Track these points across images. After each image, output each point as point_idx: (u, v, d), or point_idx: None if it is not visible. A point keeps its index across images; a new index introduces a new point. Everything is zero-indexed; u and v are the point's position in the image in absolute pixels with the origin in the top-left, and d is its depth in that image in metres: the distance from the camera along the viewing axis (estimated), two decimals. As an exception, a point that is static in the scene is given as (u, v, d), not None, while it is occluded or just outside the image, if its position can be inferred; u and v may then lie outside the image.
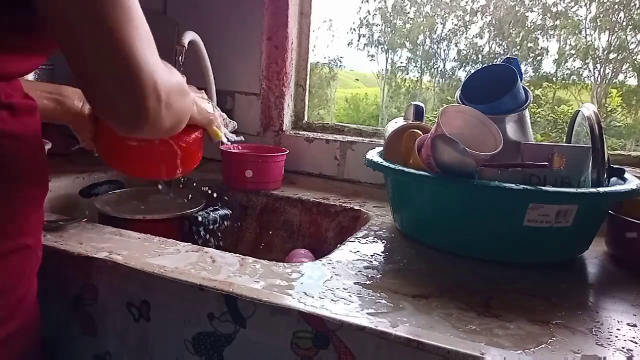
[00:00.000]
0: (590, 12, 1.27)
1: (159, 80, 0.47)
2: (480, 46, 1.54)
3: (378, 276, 0.64)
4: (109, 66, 0.44)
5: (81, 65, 0.45)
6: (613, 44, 1.26)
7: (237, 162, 1.10)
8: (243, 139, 0.92)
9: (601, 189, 0.69)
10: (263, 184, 1.10)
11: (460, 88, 0.85)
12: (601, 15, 1.26)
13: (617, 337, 0.52)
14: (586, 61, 1.32)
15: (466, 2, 1.49)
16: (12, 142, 0.50)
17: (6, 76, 0.50)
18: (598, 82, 1.32)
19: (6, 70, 0.50)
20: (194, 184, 1.14)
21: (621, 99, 1.25)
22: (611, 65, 1.29)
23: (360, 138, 1.22)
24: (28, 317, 0.56)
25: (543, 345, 0.49)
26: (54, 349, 0.67)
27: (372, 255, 0.71)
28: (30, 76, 1.03)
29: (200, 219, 0.93)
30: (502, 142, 0.73)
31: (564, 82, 1.37)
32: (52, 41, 0.50)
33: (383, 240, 0.79)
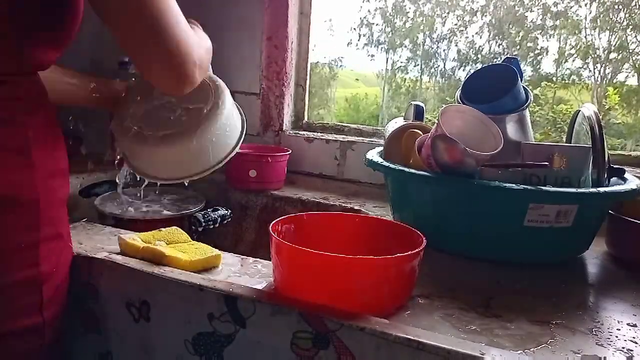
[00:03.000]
0: (590, 12, 1.27)
1: (196, 53, 0.57)
2: (480, 46, 1.54)
3: (378, 276, 0.64)
4: (158, 51, 0.54)
5: (132, 51, 0.55)
6: (613, 44, 1.26)
7: (241, 162, 1.10)
8: None
9: (601, 189, 0.69)
10: (266, 184, 1.10)
11: (460, 88, 0.85)
12: (601, 15, 1.26)
13: (617, 337, 0.52)
14: (586, 61, 1.32)
15: (466, 2, 1.49)
16: (38, 133, 0.54)
17: (44, 66, 0.55)
18: (598, 82, 1.32)
19: (45, 60, 0.55)
20: (194, 184, 1.14)
21: (619, 98, 1.25)
22: (611, 65, 1.29)
23: (360, 138, 1.22)
24: (60, 307, 0.58)
25: (543, 345, 0.49)
26: (59, 347, 0.67)
27: (372, 255, 0.71)
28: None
29: (200, 219, 0.93)
30: (502, 142, 0.73)
31: (563, 82, 1.37)
32: (73, 33, 0.56)
33: (383, 240, 0.79)
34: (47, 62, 0.56)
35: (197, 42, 0.58)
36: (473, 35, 1.54)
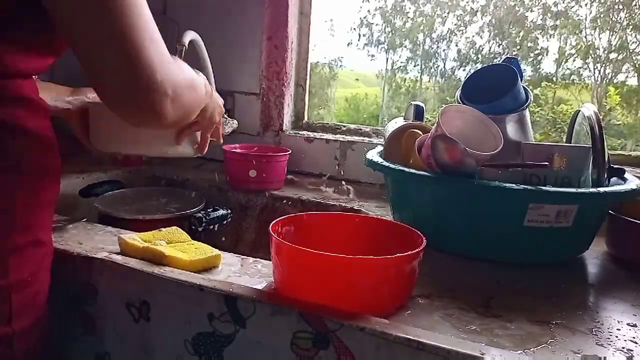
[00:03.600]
0: (590, 12, 1.27)
1: (166, 77, 0.48)
2: (480, 46, 1.54)
3: (378, 276, 0.64)
4: (117, 66, 0.46)
5: (89, 64, 0.47)
6: (614, 44, 1.26)
7: (241, 162, 1.10)
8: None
9: (601, 189, 0.69)
10: (266, 184, 1.10)
11: (460, 88, 0.85)
12: (602, 15, 1.26)
13: (617, 337, 0.52)
14: (586, 61, 1.32)
15: (466, 2, 1.49)
16: (26, 138, 0.52)
17: (24, 73, 0.53)
18: (598, 82, 1.32)
19: (25, 67, 0.52)
20: (194, 184, 1.14)
21: (620, 98, 1.25)
22: (611, 65, 1.29)
23: (360, 138, 1.22)
24: (40, 313, 0.57)
25: (543, 345, 0.49)
26: (55, 349, 0.67)
27: (372, 255, 0.71)
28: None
29: (200, 219, 0.93)
30: (502, 141, 0.73)
31: (564, 82, 1.37)
32: (64, 42, 0.52)
33: (383, 240, 0.79)
34: (40, 68, 0.54)
35: (174, 72, 0.50)
36: (473, 36, 1.54)
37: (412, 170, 0.73)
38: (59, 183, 0.58)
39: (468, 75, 0.86)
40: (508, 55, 1.02)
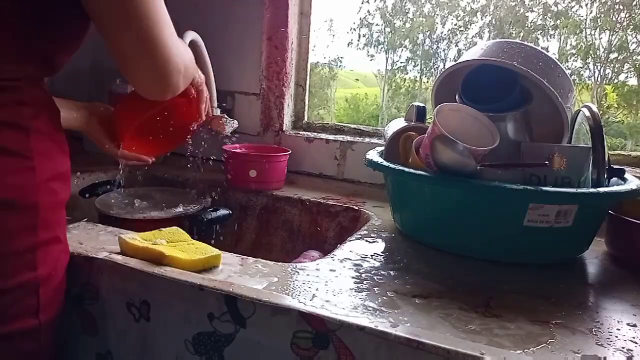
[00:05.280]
0: (591, 12, 1.27)
1: (180, 60, 0.59)
2: (480, 46, 1.54)
3: (378, 276, 0.64)
4: (146, 54, 0.55)
5: (120, 52, 0.55)
6: (614, 44, 1.26)
7: (241, 162, 1.10)
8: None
9: (601, 189, 0.69)
10: (267, 184, 1.10)
11: (460, 87, 0.85)
12: (602, 15, 1.26)
13: (617, 337, 0.52)
14: (587, 61, 1.32)
15: (466, 2, 1.49)
16: (43, 140, 0.55)
17: (51, 72, 0.56)
18: (598, 82, 1.32)
19: (53, 66, 0.56)
20: (195, 184, 1.14)
21: (617, 96, 1.25)
22: (612, 65, 1.29)
23: (360, 138, 1.22)
24: (57, 310, 0.58)
25: (543, 345, 0.49)
26: (55, 350, 0.67)
27: (372, 255, 0.71)
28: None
29: (200, 219, 0.93)
30: (498, 136, 0.73)
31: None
32: (82, 41, 0.58)
33: (383, 240, 0.79)
34: (54, 68, 0.56)
35: (183, 51, 0.61)
36: (473, 37, 1.54)
37: (412, 170, 0.73)
38: (70, 183, 0.60)
39: (467, 74, 0.86)
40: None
